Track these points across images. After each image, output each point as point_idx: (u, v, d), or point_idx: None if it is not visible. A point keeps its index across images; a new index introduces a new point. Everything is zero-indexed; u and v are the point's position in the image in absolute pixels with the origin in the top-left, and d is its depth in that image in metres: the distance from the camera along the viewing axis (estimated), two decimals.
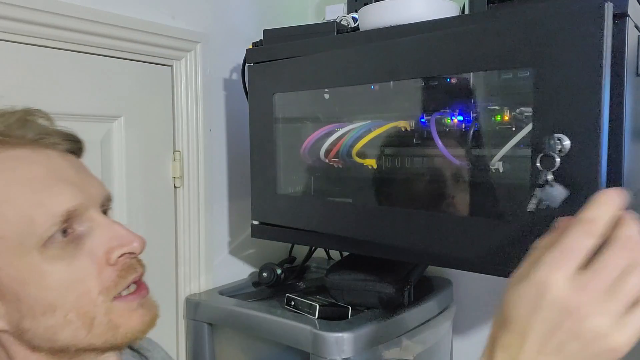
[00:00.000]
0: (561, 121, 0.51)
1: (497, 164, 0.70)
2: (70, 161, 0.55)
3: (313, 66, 0.81)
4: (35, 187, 0.51)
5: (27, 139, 0.54)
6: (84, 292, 0.51)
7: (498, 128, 0.73)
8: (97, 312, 0.52)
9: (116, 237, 0.53)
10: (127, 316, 0.53)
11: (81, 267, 0.51)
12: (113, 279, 0.53)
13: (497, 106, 0.73)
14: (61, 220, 0.50)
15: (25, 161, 0.52)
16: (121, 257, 0.53)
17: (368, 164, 0.85)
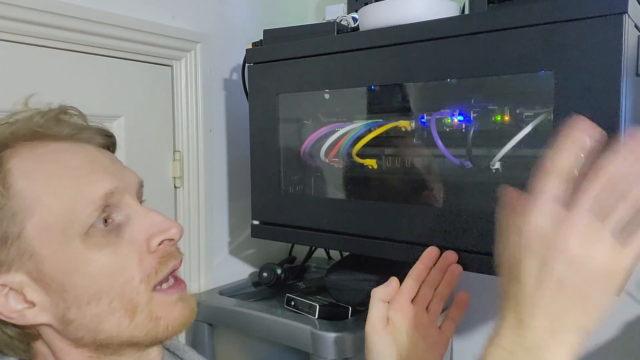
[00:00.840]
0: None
1: (497, 164, 0.70)
2: (105, 153, 0.57)
3: (319, 67, 0.81)
4: (75, 176, 0.52)
5: (64, 135, 0.56)
6: (127, 280, 0.52)
7: (498, 128, 0.73)
8: (139, 300, 0.52)
9: (155, 224, 0.54)
10: (168, 309, 0.54)
11: (123, 255, 0.52)
12: (154, 266, 0.53)
13: (497, 106, 0.73)
14: (100, 205, 0.51)
15: (64, 153, 0.54)
16: (161, 244, 0.53)
17: (368, 164, 0.85)
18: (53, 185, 0.51)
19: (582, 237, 0.40)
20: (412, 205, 0.74)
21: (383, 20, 0.77)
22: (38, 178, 0.52)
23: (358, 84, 0.79)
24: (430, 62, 0.69)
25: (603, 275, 0.40)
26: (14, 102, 0.59)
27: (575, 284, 0.40)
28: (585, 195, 0.40)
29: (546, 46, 0.59)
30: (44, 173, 0.52)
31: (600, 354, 1.00)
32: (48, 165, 0.53)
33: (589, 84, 0.56)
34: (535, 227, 0.41)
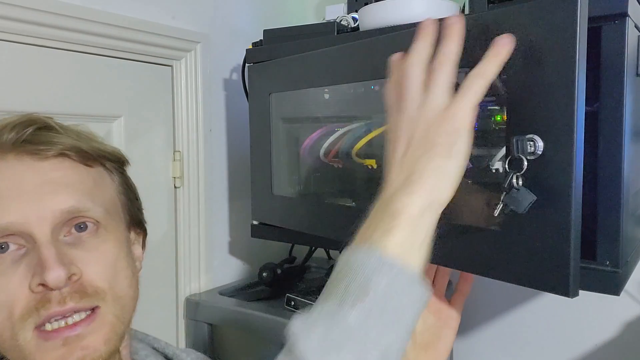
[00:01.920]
0: (535, 122, 0.48)
1: (497, 164, 0.70)
2: (41, 172, 0.52)
3: (306, 65, 0.80)
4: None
5: (8, 145, 0.52)
6: (7, 316, 0.49)
7: (498, 128, 0.73)
8: (18, 339, 0.49)
9: (40, 262, 0.49)
10: (43, 352, 0.49)
11: (10, 289, 0.49)
12: (30, 308, 0.49)
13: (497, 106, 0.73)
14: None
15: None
16: (42, 286, 0.48)
17: (368, 164, 0.85)
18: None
19: (417, 92, 0.48)
20: None
21: (383, 20, 0.77)
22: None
23: (345, 81, 0.79)
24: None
25: (441, 119, 0.46)
26: (13, 102, 0.57)
27: (419, 133, 0.47)
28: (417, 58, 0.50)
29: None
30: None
31: (600, 354, 1.00)
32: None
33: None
34: (394, 89, 0.51)
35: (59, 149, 0.53)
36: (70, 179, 0.53)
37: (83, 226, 0.52)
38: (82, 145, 0.55)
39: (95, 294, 0.51)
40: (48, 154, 0.52)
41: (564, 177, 0.45)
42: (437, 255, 0.58)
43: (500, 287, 0.58)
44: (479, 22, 0.53)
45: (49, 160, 0.53)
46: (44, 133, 0.53)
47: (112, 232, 0.55)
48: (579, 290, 0.46)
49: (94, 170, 0.56)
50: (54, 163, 0.53)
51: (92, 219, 0.53)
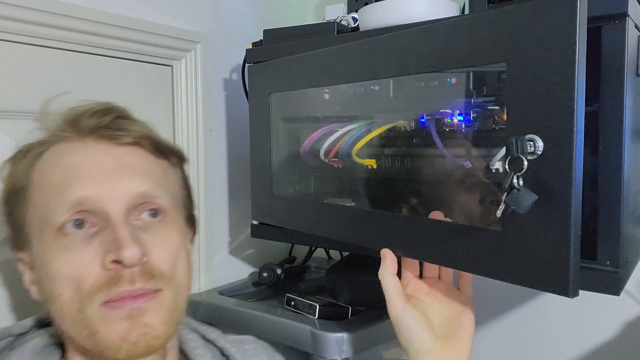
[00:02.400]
0: (535, 122, 0.48)
1: (497, 164, 0.70)
2: (117, 156, 0.55)
3: (306, 65, 0.80)
4: (62, 176, 0.53)
5: (88, 129, 0.56)
6: (76, 290, 0.51)
7: (498, 128, 0.73)
8: (84, 313, 0.50)
9: (115, 239, 0.51)
10: (108, 325, 0.50)
11: (81, 264, 0.51)
12: (100, 284, 0.50)
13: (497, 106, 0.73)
14: (69, 209, 0.51)
15: (71, 152, 0.55)
16: (115, 263, 0.50)
17: (368, 164, 0.85)
18: (42, 183, 0.54)
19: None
20: (411, 205, 0.74)
21: (383, 20, 0.77)
22: (40, 174, 0.55)
23: (339, 82, 0.79)
24: (404, 59, 0.67)
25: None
26: (13, 102, 0.60)
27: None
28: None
29: (498, 38, 0.56)
30: (44, 170, 0.55)
31: (600, 354, 1.00)
32: (51, 162, 0.55)
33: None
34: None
35: (134, 136, 0.57)
36: (143, 166, 0.57)
37: (152, 212, 0.55)
38: (154, 136, 0.59)
39: (161, 276, 0.53)
40: (124, 140, 0.56)
41: (564, 177, 0.45)
42: (437, 256, 0.58)
43: (500, 287, 0.58)
44: (479, 22, 0.53)
45: (124, 146, 0.56)
46: (122, 121, 0.57)
47: (176, 222, 0.58)
48: (579, 290, 0.46)
49: (161, 161, 0.60)
50: (129, 150, 0.57)
51: (161, 206, 0.56)
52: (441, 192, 0.78)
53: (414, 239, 0.61)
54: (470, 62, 0.54)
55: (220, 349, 0.66)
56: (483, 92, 0.71)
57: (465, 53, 0.54)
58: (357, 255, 0.98)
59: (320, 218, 0.77)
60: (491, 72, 0.67)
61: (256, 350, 0.70)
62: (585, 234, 0.48)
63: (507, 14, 0.50)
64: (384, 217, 0.65)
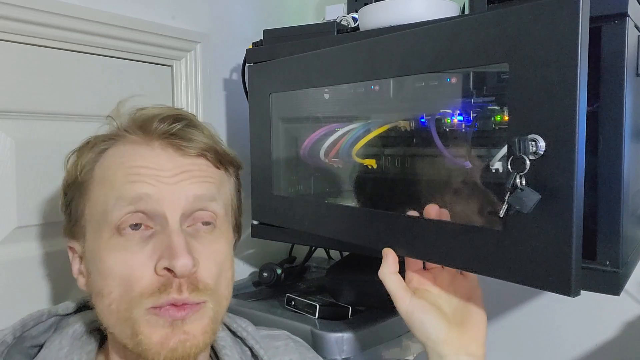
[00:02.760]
0: (537, 121, 0.48)
1: (497, 164, 0.70)
2: (181, 163, 0.56)
3: (306, 65, 0.80)
4: (124, 175, 0.54)
5: (156, 135, 0.57)
6: (126, 290, 0.52)
7: (498, 128, 0.73)
8: (131, 313, 0.52)
9: (169, 247, 0.52)
10: (152, 329, 0.52)
11: (134, 265, 0.52)
12: (152, 289, 0.52)
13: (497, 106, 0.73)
14: (129, 203, 0.53)
15: (137, 154, 0.56)
16: (167, 270, 0.52)
17: (368, 164, 0.85)
18: (105, 180, 0.56)
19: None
20: (411, 205, 0.74)
21: (383, 20, 0.77)
22: (103, 170, 0.57)
23: (350, 81, 0.79)
24: (405, 59, 0.67)
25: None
26: (13, 102, 0.61)
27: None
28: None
29: (501, 38, 0.56)
30: (107, 166, 0.56)
31: (600, 354, 1.00)
32: (115, 160, 0.56)
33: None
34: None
35: (200, 148, 0.58)
36: (204, 178, 0.58)
37: (206, 222, 0.56)
38: (218, 148, 0.60)
39: (205, 289, 0.54)
40: (190, 151, 0.57)
41: (566, 177, 0.45)
42: (439, 255, 0.58)
43: (500, 287, 0.58)
44: (481, 23, 0.53)
45: (189, 157, 0.57)
46: (190, 130, 0.58)
47: (225, 232, 0.59)
48: (580, 289, 0.46)
49: (220, 172, 0.61)
50: (194, 160, 0.58)
51: (214, 214, 0.57)
52: (441, 192, 0.78)
53: (415, 239, 0.61)
54: (473, 62, 0.54)
55: (250, 348, 0.67)
56: (483, 92, 0.72)
57: (467, 53, 0.54)
58: (357, 255, 0.98)
59: (320, 218, 0.77)
60: (491, 72, 0.67)
61: (288, 347, 0.70)
62: (585, 233, 0.48)
63: (510, 14, 0.50)
64: (385, 217, 0.65)
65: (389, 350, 0.92)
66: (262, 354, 0.66)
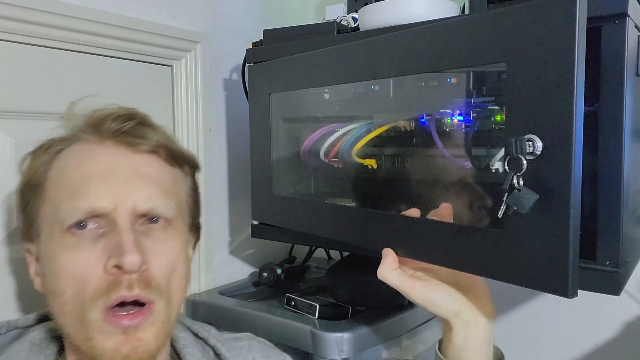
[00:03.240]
0: (534, 122, 0.47)
1: (497, 164, 0.70)
2: (133, 163, 0.57)
3: (306, 65, 0.80)
4: (79, 180, 0.55)
5: (109, 133, 0.57)
6: (79, 290, 0.52)
7: (498, 128, 0.73)
8: (85, 315, 0.52)
9: (118, 245, 0.52)
10: (104, 335, 0.52)
11: (86, 265, 0.52)
12: (102, 288, 0.52)
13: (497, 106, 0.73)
14: (80, 215, 0.53)
15: (91, 155, 0.57)
16: (117, 268, 0.52)
17: (368, 164, 0.85)
18: (60, 182, 0.56)
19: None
20: (411, 205, 0.74)
21: (383, 20, 0.77)
22: (57, 172, 0.57)
23: (350, 81, 0.79)
24: (403, 59, 0.67)
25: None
26: (13, 102, 0.61)
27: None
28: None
29: (498, 38, 0.56)
30: (62, 169, 0.57)
31: (600, 354, 1.00)
32: (68, 164, 0.57)
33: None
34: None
35: (152, 145, 0.58)
36: (156, 177, 0.58)
37: (155, 220, 0.56)
38: (171, 145, 0.60)
39: (156, 288, 0.54)
40: (142, 148, 0.58)
41: (563, 178, 0.45)
42: (437, 256, 0.58)
43: (500, 287, 0.58)
44: (479, 22, 0.53)
45: (142, 154, 0.58)
46: (142, 128, 0.59)
47: (178, 230, 0.59)
48: (577, 290, 0.46)
49: (174, 170, 0.61)
50: (145, 158, 0.58)
51: (167, 212, 0.57)
52: (441, 192, 0.78)
53: (413, 239, 0.61)
54: (470, 62, 0.54)
55: (212, 348, 0.67)
56: (483, 92, 0.72)
57: (464, 53, 0.54)
58: (357, 255, 0.98)
59: (320, 218, 0.77)
60: (491, 72, 0.67)
61: (251, 347, 0.70)
62: (585, 234, 0.48)
63: (507, 14, 0.49)
64: (384, 217, 0.65)
65: (389, 350, 0.92)
66: (224, 352, 0.66)
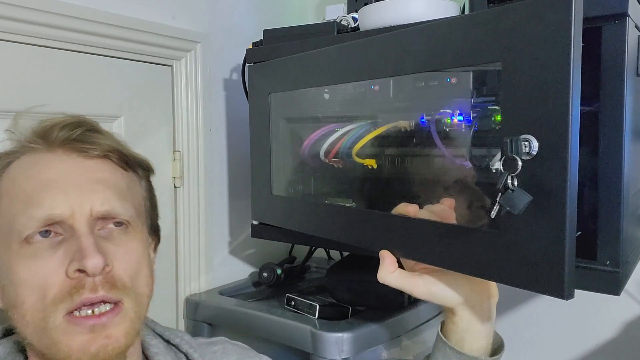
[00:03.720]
0: (530, 121, 0.47)
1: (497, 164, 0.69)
2: (86, 169, 0.57)
3: (306, 65, 0.80)
4: (32, 189, 0.54)
5: (58, 142, 0.57)
6: (40, 298, 0.52)
7: (498, 128, 0.73)
8: (47, 322, 0.52)
9: (79, 249, 0.52)
10: (70, 337, 0.52)
11: (46, 272, 0.52)
12: (64, 293, 0.52)
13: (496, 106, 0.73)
14: (37, 224, 0.53)
15: (41, 164, 0.56)
16: (79, 272, 0.52)
17: (368, 164, 0.85)
18: (11, 193, 0.55)
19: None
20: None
21: (383, 20, 0.77)
22: (7, 184, 0.56)
23: (350, 81, 0.78)
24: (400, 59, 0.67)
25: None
26: (13, 102, 0.60)
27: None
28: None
29: (493, 37, 0.56)
30: (12, 181, 0.56)
31: (600, 354, 1.00)
32: (19, 174, 0.56)
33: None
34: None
35: (103, 150, 0.58)
36: (110, 181, 0.58)
37: (116, 223, 0.57)
38: (123, 150, 0.61)
39: (123, 288, 0.54)
40: (94, 153, 0.58)
41: (559, 178, 0.45)
42: (433, 256, 0.58)
43: (500, 287, 0.58)
44: (475, 22, 0.52)
45: (93, 159, 0.58)
46: (91, 134, 0.59)
47: (139, 232, 0.59)
48: (574, 292, 0.46)
49: (128, 174, 0.62)
50: (98, 163, 0.58)
51: (124, 220, 0.57)
52: (441, 193, 0.78)
53: (410, 240, 0.60)
54: (466, 61, 0.54)
55: (185, 354, 0.66)
56: (483, 92, 0.72)
57: (461, 52, 0.54)
58: (357, 255, 0.98)
59: (319, 218, 0.77)
60: (491, 72, 0.67)
61: (225, 350, 0.70)
62: (585, 234, 0.48)
63: (502, 13, 0.49)
64: (382, 217, 0.65)
65: (389, 350, 0.92)
66: (197, 357, 0.66)
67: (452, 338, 0.61)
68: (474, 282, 0.59)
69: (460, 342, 0.61)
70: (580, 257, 0.59)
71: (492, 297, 0.61)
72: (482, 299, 0.60)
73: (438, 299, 0.60)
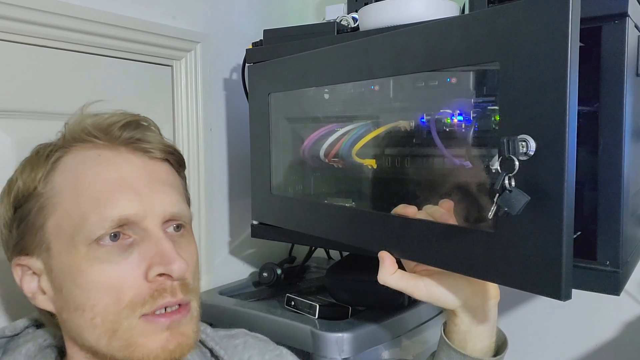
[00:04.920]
0: (527, 121, 0.47)
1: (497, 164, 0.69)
2: (152, 170, 0.57)
3: (306, 65, 0.80)
4: (100, 189, 0.53)
5: (122, 140, 0.56)
6: (113, 302, 0.51)
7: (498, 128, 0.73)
8: (120, 324, 0.51)
9: (160, 254, 0.52)
10: (148, 337, 0.52)
11: (119, 275, 0.51)
12: (144, 297, 0.51)
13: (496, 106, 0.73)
14: (111, 225, 0.52)
15: (106, 162, 0.55)
16: (160, 276, 0.52)
17: (368, 164, 0.85)
18: (78, 191, 0.53)
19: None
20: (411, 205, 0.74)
21: (383, 20, 0.77)
22: (70, 180, 0.54)
23: (350, 81, 0.78)
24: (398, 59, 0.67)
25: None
26: (13, 102, 0.60)
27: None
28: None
29: (491, 36, 0.56)
30: (76, 176, 0.54)
31: (600, 354, 1.00)
32: (83, 170, 0.55)
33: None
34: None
35: (164, 152, 0.59)
36: (174, 183, 0.59)
37: (176, 226, 0.57)
38: (177, 152, 0.62)
39: (192, 289, 0.56)
40: (156, 155, 0.58)
41: (556, 178, 0.44)
42: (431, 257, 0.58)
43: (500, 287, 0.58)
44: (473, 21, 0.52)
45: (156, 161, 0.58)
46: (152, 135, 0.59)
47: (192, 235, 0.60)
48: (571, 293, 0.45)
49: (180, 177, 0.63)
50: (160, 164, 0.59)
51: (186, 218, 0.58)
52: (441, 193, 0.78)
53: (408, 240, 0.60)
54: (464, 61, 0.53)
55: (210, 350, 0.67)
56: (483, 92, 0.72)
57: (459, 52, 0.54)
58: (357, 255, 0.98)
59: (319, 218, 0.77)
60: (491, 71, 0.67)
61: (247, 344, 0.70)
62: (585, 234, 0.48)
63: (500, 13, 0.49)
64: (381, 217, 0.65)
65: (389, 350, 0.92)
66: (222, 354, 0.66)
67: (455, 339, 0.61)
68: (474, 284, 0.59)
69: (462, 343, 0.61)
70: (580, 257, 0.59)
71: (493, 298, 0.61)
72: (483, 301, 0.60)
73: (439, 302, 0.60)
